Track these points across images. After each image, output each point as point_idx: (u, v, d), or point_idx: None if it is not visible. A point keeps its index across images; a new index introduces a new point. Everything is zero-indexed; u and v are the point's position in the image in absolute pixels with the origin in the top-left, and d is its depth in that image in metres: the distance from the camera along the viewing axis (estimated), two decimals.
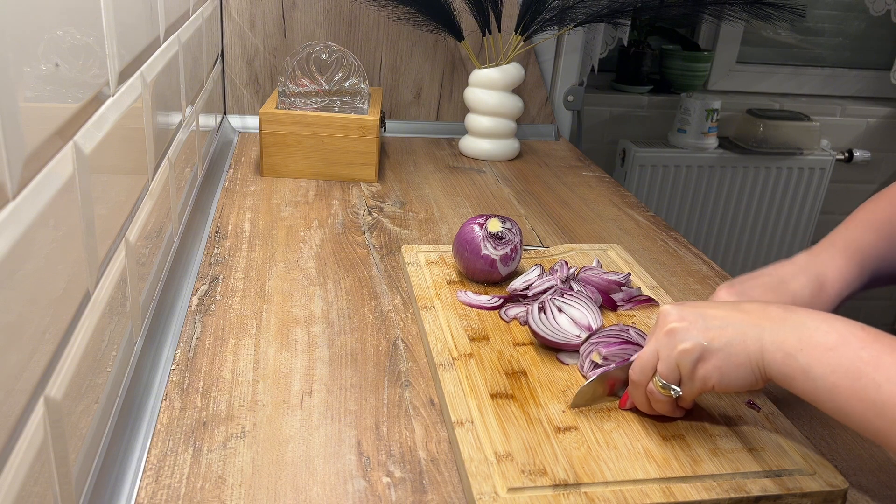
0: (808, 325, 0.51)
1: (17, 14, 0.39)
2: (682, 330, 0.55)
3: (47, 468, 0.41)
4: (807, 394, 0.50)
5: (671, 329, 0.56)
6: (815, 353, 0.50)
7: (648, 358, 0.58)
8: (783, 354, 0.51)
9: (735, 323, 0.54)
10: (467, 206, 1.10)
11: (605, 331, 0.67)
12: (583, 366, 0.66)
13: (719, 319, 0.55)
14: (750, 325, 0.53)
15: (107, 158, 0.56)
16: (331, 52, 1.16)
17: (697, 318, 0.55)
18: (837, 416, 0.49)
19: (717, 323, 0.54)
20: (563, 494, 0.52)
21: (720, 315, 0.55)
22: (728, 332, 0.54)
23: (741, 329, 0.53)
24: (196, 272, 0.84)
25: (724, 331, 0.54)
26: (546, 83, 1.49)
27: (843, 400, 0.48)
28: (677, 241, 1.02)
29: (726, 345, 0.53)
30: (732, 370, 0.53)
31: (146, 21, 0.72)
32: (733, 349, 0.53)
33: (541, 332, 0.68)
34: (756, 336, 0.53)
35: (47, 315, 0.42)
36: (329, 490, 0.54)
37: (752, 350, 0.53)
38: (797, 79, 2.18)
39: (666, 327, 0.56)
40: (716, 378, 0.54)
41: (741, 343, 0.53)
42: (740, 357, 0.53)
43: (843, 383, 0.48)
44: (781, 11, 1.20)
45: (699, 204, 2.00)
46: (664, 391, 0.56)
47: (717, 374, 0.54)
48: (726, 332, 0.54)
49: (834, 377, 0.48)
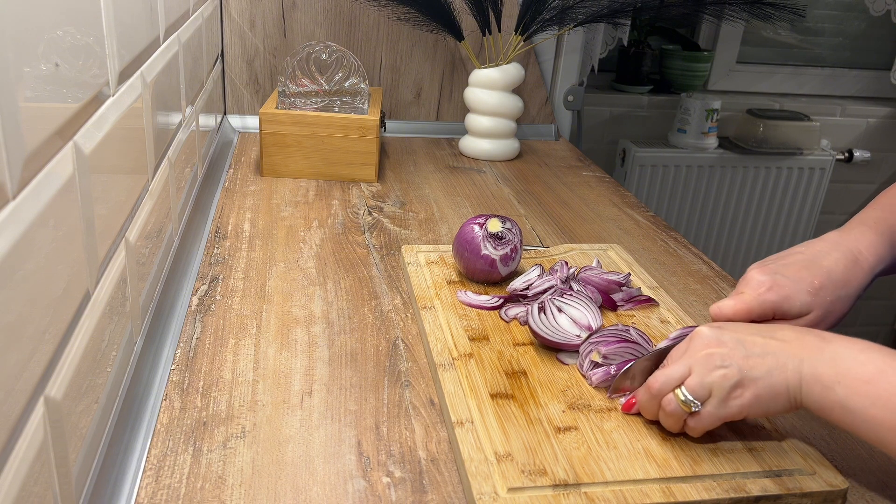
0: (844, 356, 0.51)
1: (17, 14, 0.39)
2: (722, 355, 0.55)
3: (47, 468, 0.41)
4: (845, 425, 0.51)
5: (710, 353, 0.55)
6: (852, 386, 0.50)
7: (679, 374, 0.56)
8: (821, 387, 0.51)
9: (774, 352, 0.54)
10: (467, 206, 1.10)
11: (605, 330, 0.67)
12: (582, 365, 0.66)
13: (759, 347, 0.55)
14: (789, 356, 0.53)
15: (107, 158, 0.56)
16: (331, 52, 1.16)
17: (737, 345, 0.55)
18: (878, 446, 0.50)
19: (757, 350, 0.54)
20: (563, 494, 0.52)
21: (759, 343, 0.55)
22: (768, 362, 0.54)
23: (781, 359, 0.53)
24: (196, 272, 0.84)
25: (764, 360, 0.54)
26: (546, 83, 1.49)
27: (883, 431, 0.48)
28: (677, 241, 1.02)
29: (766, 374, 0.53)
30: (770, 400, 0.54)
31: (146, 21, 0.72)
32: (773, 379, 0.53)
33: (541, 332, 0.68)
34: (795, 367, 0.53)
35: (47, 315, 0.42)
36: (329, 490, 0.54)
37: (792, 381, 0.53)
38: (797, 79, 2.18)
39: (704, 350, 0.56)
40: (753, 407, 0.54)
41: (781, 373, 0.53)
42: (779, 388, 0.53)
43: (883, 416, 0.48)
44: (781, 11, 1.20)
45: (699, 204, 2.00)
46: (684, 406, 0.55)
47: (755, 403, 0.54)
48: (766, 362, 0.54)
49: (873, 410, 0.49)
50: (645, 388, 0.59)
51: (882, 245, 0.64)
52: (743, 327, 0.58)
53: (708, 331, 0.57)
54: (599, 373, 0.64)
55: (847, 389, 0.50)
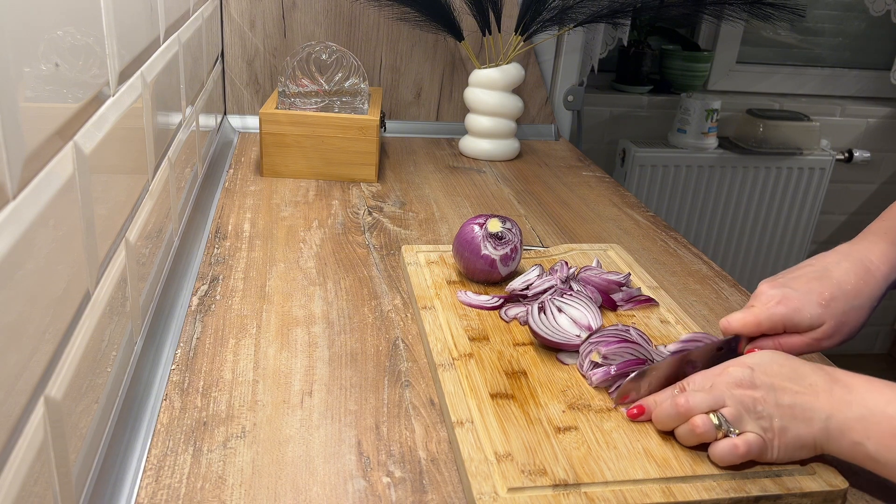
0: (873, 410, 0.52)
1: (17, 14, 0.39)
2: (755, 399, 0.55)
3: (47, 468, 0.41)
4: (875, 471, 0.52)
5: (745, 394, 0.56)
6: (883, 441, 0.51)
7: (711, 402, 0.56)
8: (850, 443, 0.52)
9: (803, 405, 0.54)
10: (467, 206, 1.10)
11: (605, 330, 0.67)
12: (582, 365, 0.66)
13: (789, 396, 0.55)
14: (817, 410, 0.54)
15: (107, 158, 0.56)
16: (331, 52, 1.16)
17: (769, 392, 0.55)
18: None
19: (787, 401, 0.55)
20: (563, 494, 0.52)
21: (790, 391, 0.55)
22: (797, 414, 0.54)
23: (808, 413, 0.54)
24: (196, 272, 0.84)
25: (794, 411, 0.54)
26: (546, 83, 1.49)
27: None
28: (677, 241, 1.02)
29: (794, 426, 0.54)
30: (795, 450, 0.55)
31: (146, 21, 0.72)
32: (800, 432, 0.54)
33: (541, 332, 0.68)
34: (823, 423, 0.54)
35: (47, 315, 0.42)
36: (329, 490, 0.54)
37: (819, 437, 0.54)
38: (797, 79, 2.18)
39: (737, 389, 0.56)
40: (778, 453, 0.55)
41: (808, 427, 0.54)
42: (806, 440, 0.54)
43: None
44: (781, 11, 1.20)
45: (699, 204, 2.00)
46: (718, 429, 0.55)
47: (781, 449, 0.55)
48: (795, 413, 0.54)
49: None
50: (671, 405, 0.57)
51: (894, 253, 0.64)
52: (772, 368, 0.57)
53: (740, 371, 0.57)
54: (599, 373, 0.64)
55: (878, 444, 0.51)
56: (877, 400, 0.52)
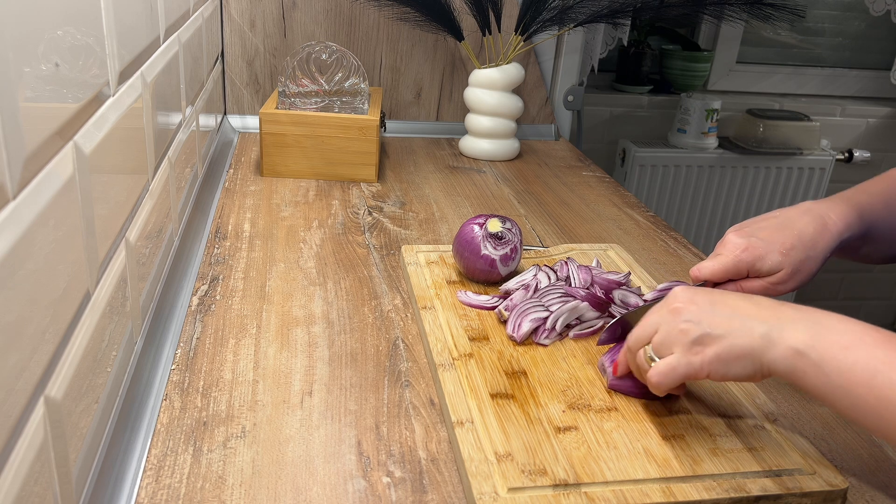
0: (823, 323, 0.52)
1: (17, 14, 0.39)
2: (688, 311, 0.55)
3: (47, 468, 0.41)
4: (817, 390, 0.50)
5: (677, 308, 0.56)
6: (829, 351, 0.50)
7: (647, 329, 0.58)
8: (793, 351, 0.51)
9: (743, 315, 0.54)
10: (467, 206, 1.10)
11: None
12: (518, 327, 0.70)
13: (729, 308, 0.55)
14: (758, 321, 0.53)
15: (107, 158, 0.56)
16: (331, 52, 1.16)
17: (707, 304, 0.56)
18: (849, 413, 0.49)
19: (726, 312, 0.54)
20: (564, 494, 0.52)
21: (731, 304, 0.55)
22: (734, 323, 0.54)
23: (748, 323, 0.53)
24: (196, 272, 0.84)
25: (731, 321, 0.54)
26: (546, 83, 1.49)
27: (856, 398, 0.48)
28: (677, 241, 1.02)
29: (729, 334, 0.53)
30: (732, 360, 0.53)
31: (146, 21, 0.72)
32: (736, 339, 0.53)
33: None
34: (763, 331, 0.52)
35: (47, 315, 0.42)
36: (329, 490, 0.54)
37: (758, 345, 0.52)
38: (797, 79, 2.18)
39: (673, 304, 0.57)
40: (713, 364, 0.54)
41: (746, 336, 0.53)
42: (743, 349, 0.53)
43: (858, 381, 0.48)
44: (781, 11, 1.20)
45: (699, 204, 2.00)
46: (649, 362, 0.57)
47: (715, 360, 0.54)
48: (732, 323, 0.54)
49: (849, 374, 0.48)
50: (625, 346, 0.61)
51: (851, 215, 0.68)
52: (721, 292, 0.58)
53: (683, 290, 0.58)
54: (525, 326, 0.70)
55: (822, 354, 0.50)
56: (828, 317, 0.52)
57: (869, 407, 0.48)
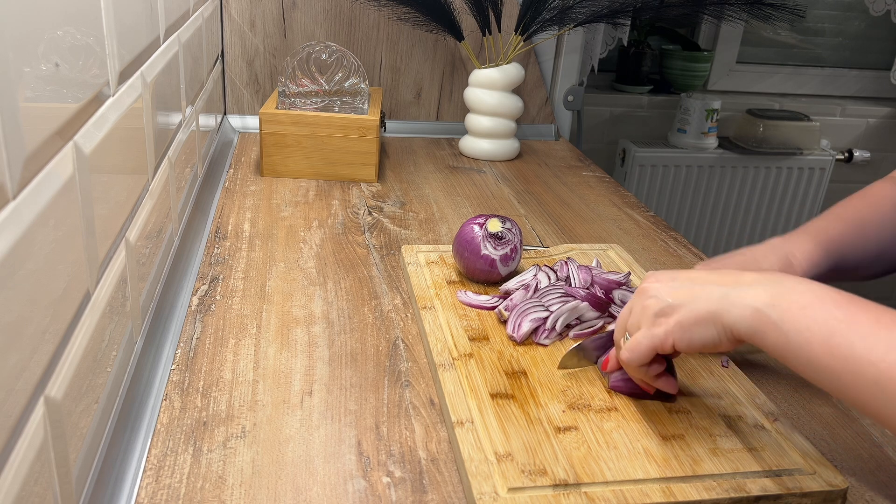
0: (783, 283, 0.52)
1: (17, 14, 0.39)
2: (652, 288, 0.58)
3: (47, 468, 0.41)
4: (777, 349, 0.51)
5: (643, 287, 0.59)
6: (789, 311, 0.50)
7: (622, 317, 0.60)
8: (753, 310, 0.51)
9: (703, 283, 0.55)
10: (467, 206, 1.10)
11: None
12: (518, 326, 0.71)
13: (689, 280, 0.56)
14: (717, 286, 0.54)
15: (107, 158, 0.56)
16: (331, 52, 1.16)
17: (668, 279, 0.58)
18: (807, 372, 0.49)
19: (686, 283, 0.56)
20: (564, 494, 0.52)
21: (692, 276, 0.57)
22: (695, 290, 0.55)
23: (707, 288, 0.54)
24: (196, 272, 0.84)
25: (691, 289, 0.55)
26: (546, 83, 1.49)
27: (814, 357, 0.48)
28: (677, 241, 1.02)
29: (689, 301, 0.54)
30: (693, 325, 0.54)
31: (146, 21, 0.72)
32: (696, 305, 0.54)
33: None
34: (722, 294, 0.53)
35: (47, 315, 0.42)
36: (329, 490, 0.54)
37: (716, 307, 0.53)
38: (797, 79, 2.18)
39: (640, 287, 0.59)
40: (676, 333, 0.55)
41: (705, 301, 0.54)
42: (702, 313, 0.53)
43: (817, 340, 0.48)
44: (781, 11, 1.20)
45: (699, 204, 2.00)
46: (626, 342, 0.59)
47: (677, 328, 0.54)
48: (693, 291, 0.55)
49: (808, 333, 0.49)
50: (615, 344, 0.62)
51: (817, 253, 0.68)
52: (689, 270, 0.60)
53: (651, 272, 0.60)
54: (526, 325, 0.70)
55: (782, 313, 0.50)
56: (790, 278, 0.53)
57: (826, 366, 0.48)
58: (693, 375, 0.67)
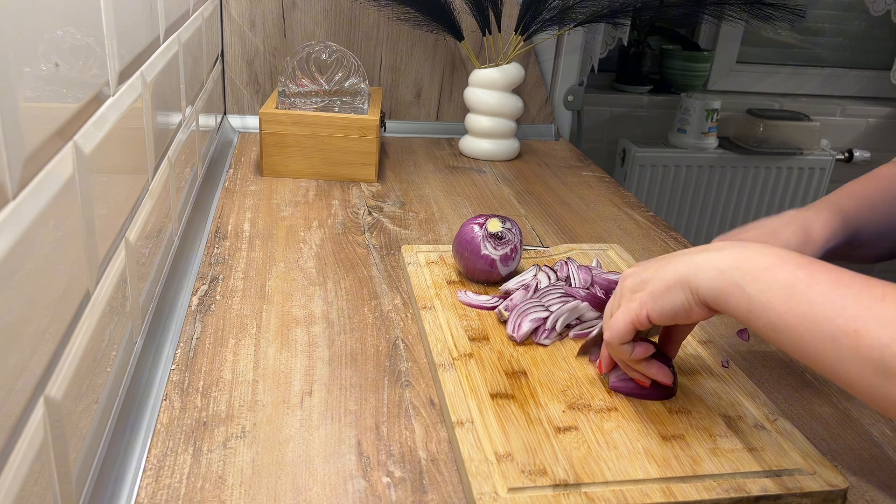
0: (748, 248, 0.53)
1: (17, 14, 0.39)
2: (630, 271, 0.60)
3: (47, 468, 0.41)
4: (740, 310, 0.51)
5: (625, 274, 0.61)
6: (751, 272, 0.51)
7: (609, 306, 0.62)
8: (717, 272, 0.53)
9: (674, 255, 0.57)
10: (467, 206, 1.10)
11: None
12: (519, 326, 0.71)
13: (662, 259, 0.58)
14: (684, 255, 0.56)
15: (107, 158, 0.56)
16: (331, 52, 1.16)
17: (644, 262, 0.60)
18: (770, 333, 0.50)
19: (660, 261, 0.58)
20: (564, 494, 0.52)
21: (665, 256, 0.59)
22: (663, 262, 0.57)
23: (677, 258, 0.57)
24: (196, 272, 0.84)
25: (661, 262, 0.57)
26: (546, 83, 1.49)
27: (775, 315, 0.49)
28: (677, 241, 1.02)
29: (659, 272, 0.57)
30: (663, 293, 0.55)
31: (146, 21, 0.72)
32: (665, 273, 0.56)
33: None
34: (689, 260, 0.55)
35: (47, 315, 0.42)
36: (329, 490, 0.54)
37: (682, 271, 0.55)
38: (797, 79, 2.18)
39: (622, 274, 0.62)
40: (649, 304, 0.56)
41: (672, 268, 0.56)
42: (669, 279, 0.55)
43: (778, 299, 0.49)
44: (781, 11, 1.20)
45: (699, 204, 2.00)
46: None
47: (650, 299, 0.56)
48: (662, 263, 0.57)
49: (769, 293, 0.50)
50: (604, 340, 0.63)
51: (835, 223, 0.68)
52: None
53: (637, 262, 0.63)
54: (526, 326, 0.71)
55: (744, 274, 0.51)
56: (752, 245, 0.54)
57: (787, 325, 0.49)
58: (693, 375, 0.67)
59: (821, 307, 0.47)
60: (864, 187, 0.73)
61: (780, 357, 0.75)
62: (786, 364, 0.74)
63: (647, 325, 0.57)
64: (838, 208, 0.70)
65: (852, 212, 0.70)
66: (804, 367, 0.73)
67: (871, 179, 0.74)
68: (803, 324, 0.48)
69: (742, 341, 0.76)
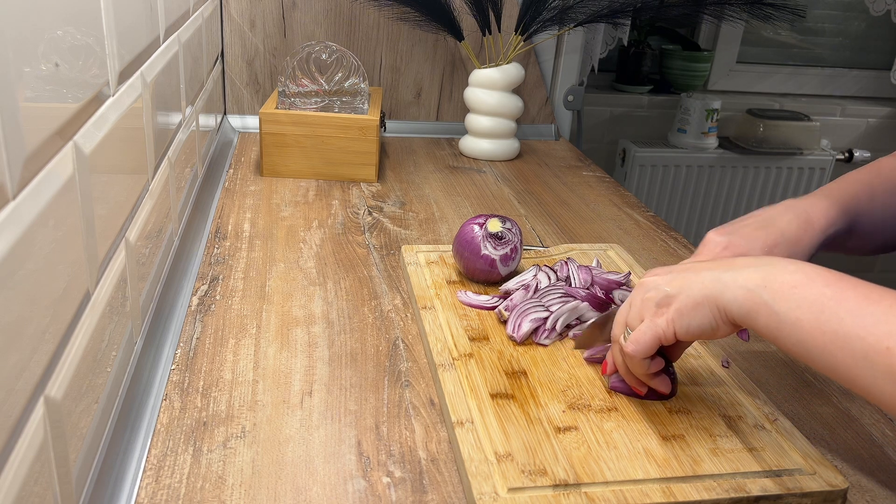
0: (775, 265, 0.53)
1: (17, 14, 0.39)
2: (651, 282, 0.59)
3: (47, 468, 0.41)
4: (769, 329, 0.51)
5: (642, 282, 0.60)
6: (779, 290, 0.51)
7: (622, 312, 0.61)
8: (745, 291, 0.52)
9: (698, 271, 0.56)
10: (467, 206, 1.10)
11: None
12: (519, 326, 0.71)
13: (685, 271, 0.57)
14: (710, 271, 0.55)
15: (107, 158, 0.56)
16: (331, 52, 1.16)
17: (666, 272, 0.59)
18: (798, 351, 0.50)
19: (682, 273, 0.57)
20: (564, 494, 0.52)
21: (687, 266, 0.58)
22: (689, 277, 0.56)
23: (702, 274, 0.56)
24: (196, 272, 0.84)
25: (685, 276, 0.56)
26: (546, 83, 1.49)
27: (805, 334, 0.49)
28: (677, 241, 1.02)
29: (685, 287, 0.56)
30: (691, 311, 0.55)
31: (146, 21, 0.72)
32: (692, 290, 0.55)
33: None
34: (715, 277, 0.54)
35: (47, 315, 0.42)
36: (329, 490, 0.54)
37: (710, 289, 0.54)
38: (797, 79, 2.18)
39: (639, 282, 0.60)
40: (676, 322, 0.55)
41: (699, 284, 0.55)
42: (697, 297, 0.55)
43: (807, 318, 0.49)
44: (781, 11, 1.20)
45: (699, 204, 2.00)
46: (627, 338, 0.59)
47: (677, 316, 0.55)
48: (688, 278, 0.56)
49: (798, 312, 0.49)
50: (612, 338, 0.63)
51: (834, 210, 0.68)
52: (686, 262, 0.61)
53: (651, 269, 0.61)
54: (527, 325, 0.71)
55: (773, 293, 0.51)
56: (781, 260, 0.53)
57: (817, 344, 0.48)
58: (693, 375, 0.67)
59: (851, 325, 0.47)
60: (863, 177, 0.72)
61: (780, 357, 0.75)
62: (786, 364, 0.74)
63: (673, 341, 0.57)
64: (837, 196, 0.69)
65: (851, 200, 0.69)
66: (804, 367, 0.73)
67: (870, 170, 0.73)
68: (834, 342, 0.47)
69: (742, 341, 0.76)
